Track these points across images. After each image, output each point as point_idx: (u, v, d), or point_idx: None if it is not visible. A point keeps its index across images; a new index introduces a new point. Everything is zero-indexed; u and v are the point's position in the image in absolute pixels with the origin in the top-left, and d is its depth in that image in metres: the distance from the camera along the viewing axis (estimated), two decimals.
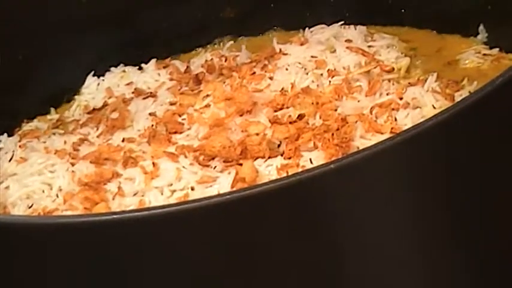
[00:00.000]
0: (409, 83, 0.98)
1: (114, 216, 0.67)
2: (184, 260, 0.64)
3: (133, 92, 1.07)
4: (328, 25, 1.12)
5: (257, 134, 0.93)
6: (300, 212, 0.61)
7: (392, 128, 0.91)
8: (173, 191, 0.89)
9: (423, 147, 0.62)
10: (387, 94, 0.96)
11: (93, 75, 1.12)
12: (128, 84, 1.10)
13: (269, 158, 0.90)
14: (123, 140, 0.97)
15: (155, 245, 0.64)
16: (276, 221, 0.62)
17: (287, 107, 0.96)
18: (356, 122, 0.92)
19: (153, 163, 0.92)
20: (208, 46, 1.16)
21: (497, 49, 1.05)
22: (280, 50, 1.07)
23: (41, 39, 1.07)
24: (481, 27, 1.07)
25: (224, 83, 1.03)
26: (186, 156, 0.92)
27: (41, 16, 1.08)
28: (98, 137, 1.00)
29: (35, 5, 1.07)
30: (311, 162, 0.88)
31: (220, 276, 0.63)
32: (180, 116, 0.99)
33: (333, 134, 0.90)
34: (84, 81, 1.12)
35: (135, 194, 0.90)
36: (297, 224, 0.62)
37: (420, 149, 0.62)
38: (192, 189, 0.88)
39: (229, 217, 0.63)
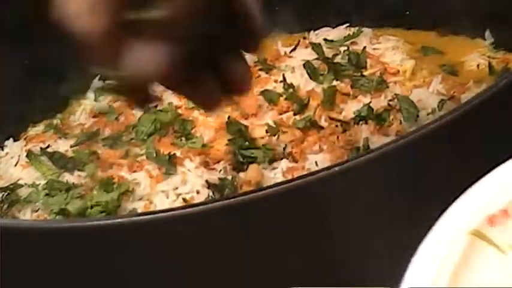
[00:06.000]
0: (414, 85, 0.98)
1: (120, 219, 0.67)
2: (189, 262, 0.64)
3: None
4: (333, 28, 1.12)
5: (262, 138, 0.93)
6: (304, 214, 0.61)
7: (398, 131, 0.91)
8: (179, 195, 0.89)
9: (427, 149, 0.62)
10: (392, 96, 0.96)
11: (99, 79, 1.12)
12: None
13: (274, 161, 0.90)
14: (128, 144, 0.98)
15: (160, 248, 0.64)
16: (280, 224, 0.62)
17: (292, 110, 0.97)
18: (361, 124, 0.92)
19: (159, 167, 0.92)
20: None
21: (503, 51, 1.05)
22: (285, 52, 1.07)
23: (46, 44, 1.07)
24: (487, 29, 1.07)
25: None
26: (191, 160, 0.92)
27: (46, 20, 1.08)
28: (103, 140, 1.00)
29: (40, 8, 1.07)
30: (317, 165, 0.88)
31: (223, 278, 0.63)
32: (185, 119, 0.99)
33: (338, 137, 0.91)
34: (89, 85, 1.11)
35: (140, 199, 0.90)
36: (302, 226, 0.62)
37: (425, 151, 0.62)
38: (198, 192, 0.88)
39: (234, 220, 0.63)
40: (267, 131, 0.94)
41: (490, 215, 0.45)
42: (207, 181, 0.88)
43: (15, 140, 1.05)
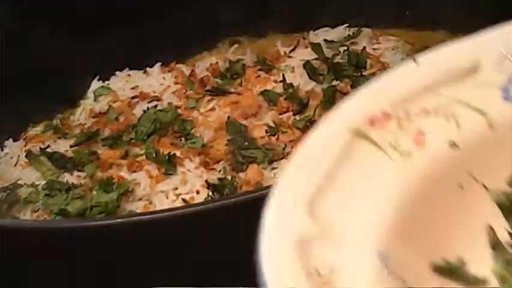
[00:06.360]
0: None
1: (120, 219, 0.67)
2: (189, 262, 0.64)
3: (138, 96, 1.07)
4: (333, 28, 1.11)
5: (262, 137, 0.93)
6: None
7: None
8: (178, 195, 0.89)
9: None
10: None
11: (99, 80, 1.12)
12: (133, 88, 1.10)
13: (274, 161, 0.90)
14: (128, 144, 0.98)
15: (160, 248, 0.64)
16: None
17: (292, 110, 0.97)
18: None
19: (158, 167, 0.92)
20: (213, 49, 1.16)
21: None
22: (285, 52, 1.07)
23: (46, 44, 1.07)
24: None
25: (229, 86, 1.04)
26: (191, 160, 0.92)
27: (46, 20, 1.08)
28: (103, 140, 1.00)
29: (40, 8, 1.07)
30: None
31: (223, 277, 0.63)
32: (185, 119, 0.99)
33: None
34: (89, 85, 1.11)
35: (140, 199, 0.90)
36: None
37: None
38: (198, 192, 0.88)
39: (234, 220, 0.63)
40: (266, 131, 0.94)
41: (370, 116, 0.45)
42: (206, 181, 0.88)
43: (15, 140, 1.05)
